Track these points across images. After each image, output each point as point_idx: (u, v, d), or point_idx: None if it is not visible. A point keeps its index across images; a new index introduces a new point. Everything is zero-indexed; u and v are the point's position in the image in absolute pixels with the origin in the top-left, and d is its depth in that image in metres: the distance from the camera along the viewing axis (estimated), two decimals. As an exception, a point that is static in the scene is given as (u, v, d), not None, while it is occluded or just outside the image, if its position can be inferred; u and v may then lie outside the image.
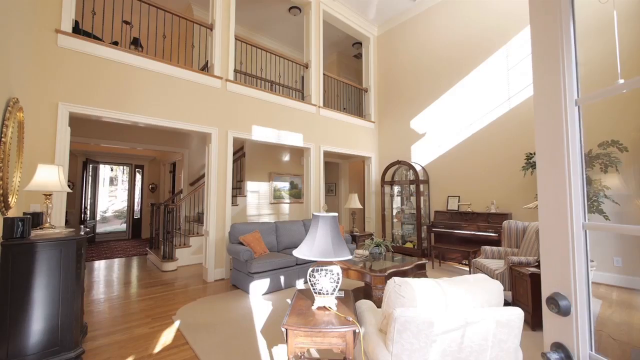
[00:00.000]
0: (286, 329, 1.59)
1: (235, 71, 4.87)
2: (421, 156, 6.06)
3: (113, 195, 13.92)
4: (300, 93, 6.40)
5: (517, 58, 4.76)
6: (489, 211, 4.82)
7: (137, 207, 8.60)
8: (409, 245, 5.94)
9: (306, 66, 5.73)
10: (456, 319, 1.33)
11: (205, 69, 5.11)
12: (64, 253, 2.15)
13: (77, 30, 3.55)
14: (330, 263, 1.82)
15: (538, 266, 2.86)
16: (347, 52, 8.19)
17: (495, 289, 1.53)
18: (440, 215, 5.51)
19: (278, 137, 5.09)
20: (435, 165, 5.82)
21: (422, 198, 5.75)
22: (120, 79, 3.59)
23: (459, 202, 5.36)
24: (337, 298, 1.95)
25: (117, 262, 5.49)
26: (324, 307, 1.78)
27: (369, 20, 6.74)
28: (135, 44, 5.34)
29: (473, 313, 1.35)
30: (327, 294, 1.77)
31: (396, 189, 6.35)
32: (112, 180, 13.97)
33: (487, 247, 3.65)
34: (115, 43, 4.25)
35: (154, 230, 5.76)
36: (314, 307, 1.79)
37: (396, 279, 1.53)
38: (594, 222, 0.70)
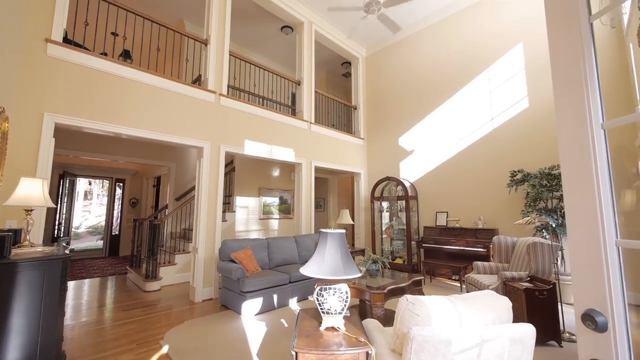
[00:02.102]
0: (296, 352, 1.53)
1: (229, 86, 4.87)
2: (410, 172, 6.21)
3: (87, 210, 13.11)
4: (289, 109, 6.46)
5: (498, 82, 5.07)
6: (477, 227, 4.95)
7: (115, 223, 8.17)
8: (398, 260, 5.96)
9: (298, 83, 5.82)
10: (472, 337, 1.33)
11: (197, 82, 5.08)
12: (47, 274, 1.99)
13: (66, 40, 3.45)
14: (337, 281, 1.79)
15: (530, 281, 2.94)
16: (336, 71, 8.42)
17: (504, 306, 1.55)
18: (430, 231, 5.60)
19: (270, 152, 5.07)
20: (424, 181, 5.96)
21: (411, 214, 5.83)
22: (111, 91, 3.49)
23: (447, 217, 5.48)
24: (344, 317, 1.91)
25: (94, 282, 5.13)
26: (332, 327, 1.73)
27: (358, 41, 7.00)
28: (125, 56, 5.26)
29: (488, 330, 1.35)
30: (336, 313, 1.73)
31: (385, 204, 6.43)
32: (87, 194, 13.18)
33: (479, 263, 3.72)
34: (104, 54, 4.15)
35: (136, 247, 5.47)
36: (322, 328, 1.74)
37: (408, 296, 1.52)
38: (628, 240, 0.73)
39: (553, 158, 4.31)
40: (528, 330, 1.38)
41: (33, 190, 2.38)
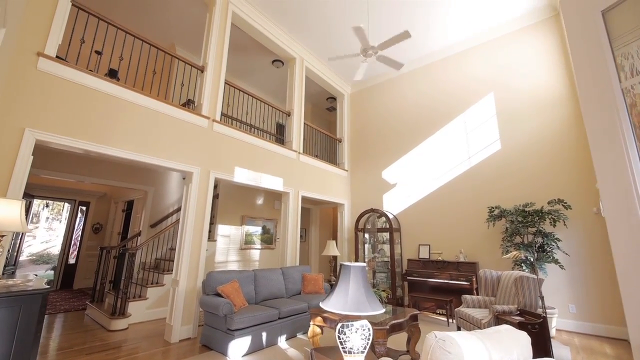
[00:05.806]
0: (323, 398, 1.42)
1: (223, 114, 4.85)
2: (392, 205, 6.39)
3: (31, 235, 11.66)
4: (276, 138, 6.53)
5: (473, 125, 5.58)
6: (459, 260, 5.12)
7: (72, 250, 7.32)
8: (382, 294, 5.90)
9: (288, 114, 5.96)
10: (507, 375, 1.33)
11: (187, 106, 5.01)
12: (24, 312, 1.72)
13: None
14: (358, 317, 1.74)
15: (521, 314, 3.05)
16: (321, 105, 8.77)
17: (525, 341, 1.59)
18: (413, 264, 5.68)
19: (259, 180, 5.00)
20: (406, 214, 6.15)
21: (394, 246, 5.91)
22: (100, 110, 3.32)
23: (430, 250, 5.63)
24: (361, 357, 1.83)
25: (45, 320, 4.45)
26: (355, 368, 1.65)
27: (344, 79, 7.43)
28: (112, 76, 5.10)
29: (520, 367, 1.37)
30: (358, 352, 1.66)
31: (367, 236, 6.48)
32: (33, 217, 11.80)
33: (468, 296, 3.81)
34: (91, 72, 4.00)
35: (101, 279, 4.91)
36: (343, 369, 1.65)
37: (437, 333, 1.51)
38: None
39: (526, 196, 4.70)
40: (554, 366, 1.42)
41: (9, 213, 2.12)
